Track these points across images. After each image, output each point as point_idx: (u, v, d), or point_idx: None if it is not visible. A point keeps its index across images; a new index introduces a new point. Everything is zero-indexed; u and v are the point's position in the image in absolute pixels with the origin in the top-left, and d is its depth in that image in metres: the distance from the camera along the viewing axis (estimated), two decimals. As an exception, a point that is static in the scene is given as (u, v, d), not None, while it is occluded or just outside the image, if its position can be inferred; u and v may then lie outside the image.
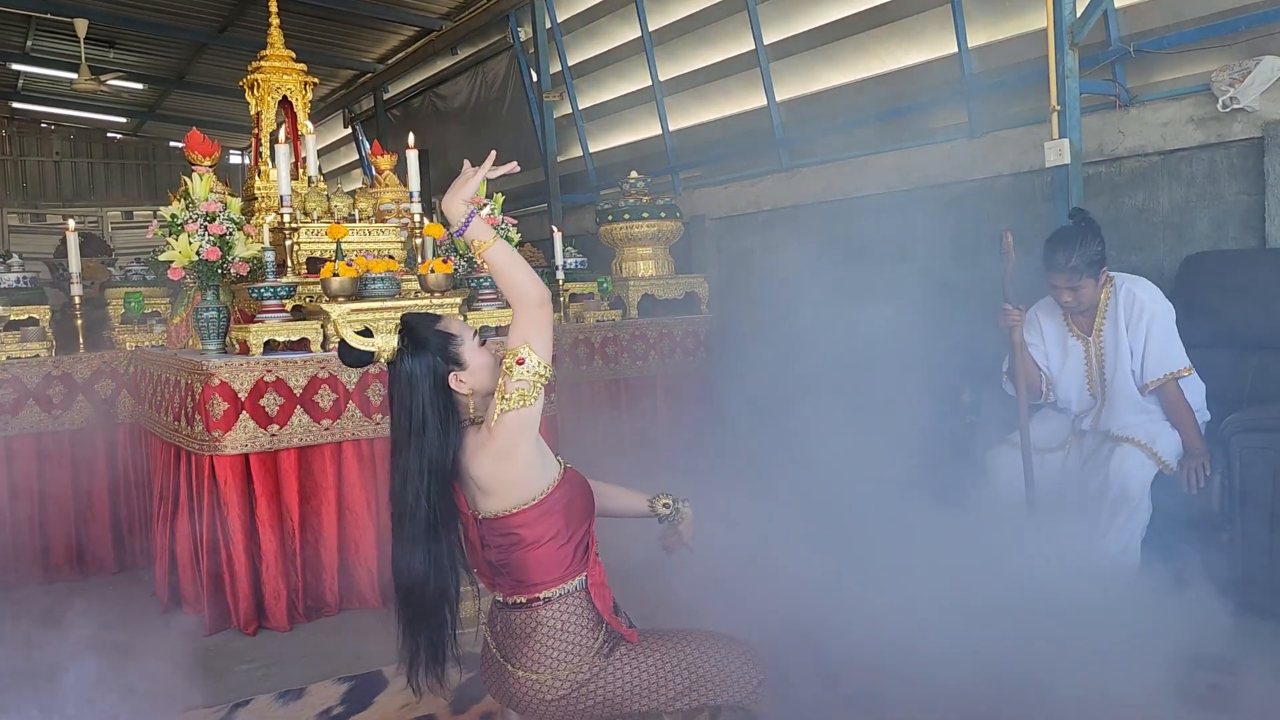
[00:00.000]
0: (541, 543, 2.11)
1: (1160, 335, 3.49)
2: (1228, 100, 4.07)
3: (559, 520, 2.12)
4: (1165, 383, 3.48)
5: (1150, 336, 3.49)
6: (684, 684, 2.15)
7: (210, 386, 3.76)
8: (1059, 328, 3.74)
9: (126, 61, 11.56)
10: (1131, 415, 3.53)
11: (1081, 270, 3.49)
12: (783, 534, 3.71)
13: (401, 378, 2.12)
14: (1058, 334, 3.75)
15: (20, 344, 4.62)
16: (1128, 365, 3.54)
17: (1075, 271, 3.49)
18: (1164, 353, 3.49)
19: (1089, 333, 3.66)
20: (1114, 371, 3.58)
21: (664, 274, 6.25)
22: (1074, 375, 3.71)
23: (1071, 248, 3.49)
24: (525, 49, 8.54)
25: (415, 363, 2.12)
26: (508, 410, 2.03)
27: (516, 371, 2.02)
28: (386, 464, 4.18)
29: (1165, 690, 2.63)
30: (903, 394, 4.49)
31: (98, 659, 3.21)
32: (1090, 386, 3.69)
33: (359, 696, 3.16)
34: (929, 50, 5.51)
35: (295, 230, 4.37)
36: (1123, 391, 3.56)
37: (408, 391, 2.12)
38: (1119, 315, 3.56)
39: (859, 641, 2.89)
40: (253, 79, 4.90)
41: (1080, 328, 3.69)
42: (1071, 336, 3.71)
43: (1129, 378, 3.54)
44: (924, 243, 5.57)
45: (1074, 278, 3.50)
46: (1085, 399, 3.71)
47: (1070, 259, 3.48)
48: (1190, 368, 3.50)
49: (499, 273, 2.06)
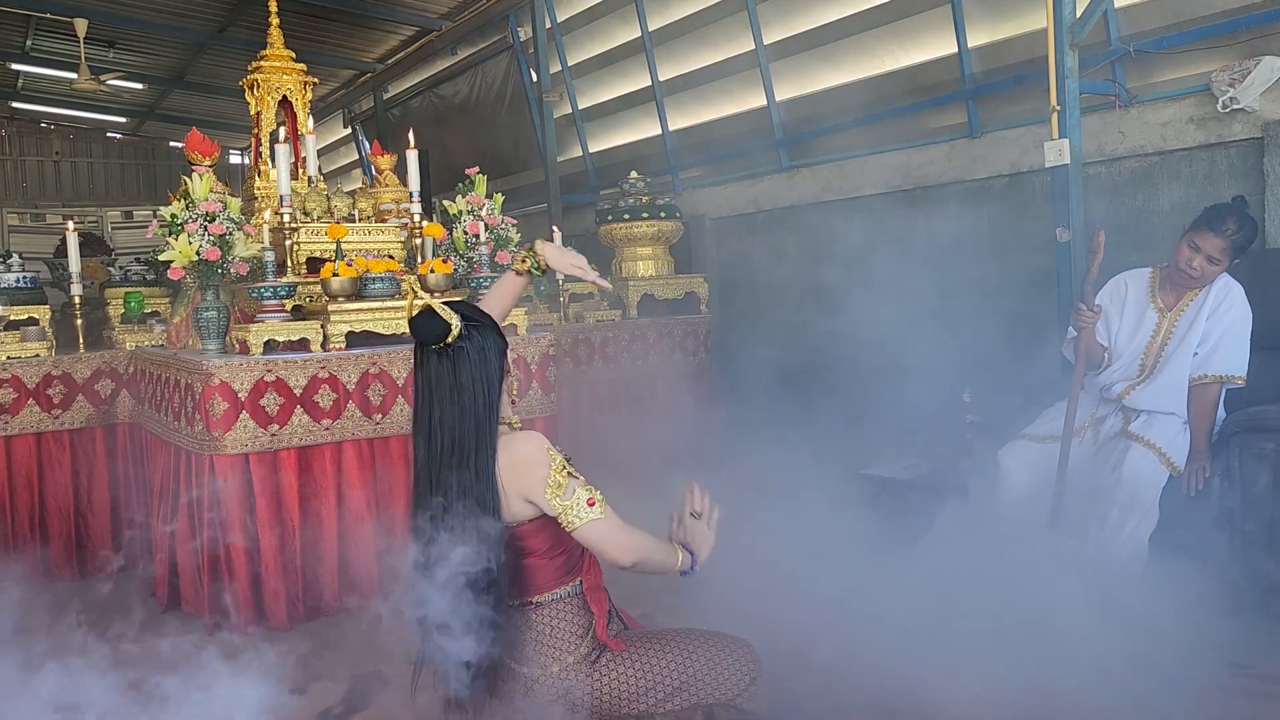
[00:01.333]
0: (538, 553, 2.11)
1: (1237, 335, 3.46)
2: (1228, 100, 4.07)
3: (550, 539, 2.12)
4: (1214, 383, 3.45)
5: (1229, 333, 3.46)
6: (675, 684, 2.14)
7: (210, 386, 3.75)
8: (1143, 297, 3.67)
9: (126, 61, 11.56)
10: (1162, 404, 3.49)
11: (1239, 246, 3.43)
12: (782, 534, 3.71)
13: (471, 356, 2.05)
14: (1139, 303, 3.68)
15: (20, 344, 4.62)
16: (1193, 347, 3.48)
17: (1232, 245, 3.42)
18: (1233, 352, 3.45)
19: (1171, 309, 3.59)
20: (1175, 350, 3.52)
21: (664, 274, 6.25)
22: (1136, 347, 3.65)
23: (1242, 222, 3.41)
24: (525, 49, 8.54)
25: (485, 340, 2.08)
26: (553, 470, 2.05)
27: (576, 498, 2.04)
28: (385, 464, 4.19)
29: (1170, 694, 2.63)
30: (902, 393, 4.49)
31: (96, 659, 3.21)
32: (1145, 359, 3.62)
33: (359, 696, 3.16)
34: (929, 50, 5.51)
35: (295, 230, 4.37)
36: (1173, 373, 3.51)
37: (479, 370, 2.06)
38: (1207, 300, 3.50)
39: (858, 642, 2.89)
40: (252, 79, 4.90)
41: (1165, 301, 3.62)
42: (1152, 308, 3.64)
43: (1186, 360, 3.49)
44: (924, 243, 5.57)
45: (1228, 249, 3.42)
46: (1133, 370, 3.65)
47: (1238, 231, 3.40)
48: (1244, 378, 3.46)
49: (649, 566, 2.12)
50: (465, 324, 2.06)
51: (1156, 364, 3.58)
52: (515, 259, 2.50)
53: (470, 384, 2.05)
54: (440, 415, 2.06)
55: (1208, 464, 3.39)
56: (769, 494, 4.15)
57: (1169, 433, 3.45)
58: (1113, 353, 3.72)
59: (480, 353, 2.06)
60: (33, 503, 4.60)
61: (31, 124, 15.89)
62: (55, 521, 4.66)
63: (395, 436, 4.09)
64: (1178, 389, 3.50)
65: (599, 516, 2.03)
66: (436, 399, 2.07)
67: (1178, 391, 3.50)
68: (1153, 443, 3.42)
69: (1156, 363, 3.58)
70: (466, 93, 9.58)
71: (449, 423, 2.05)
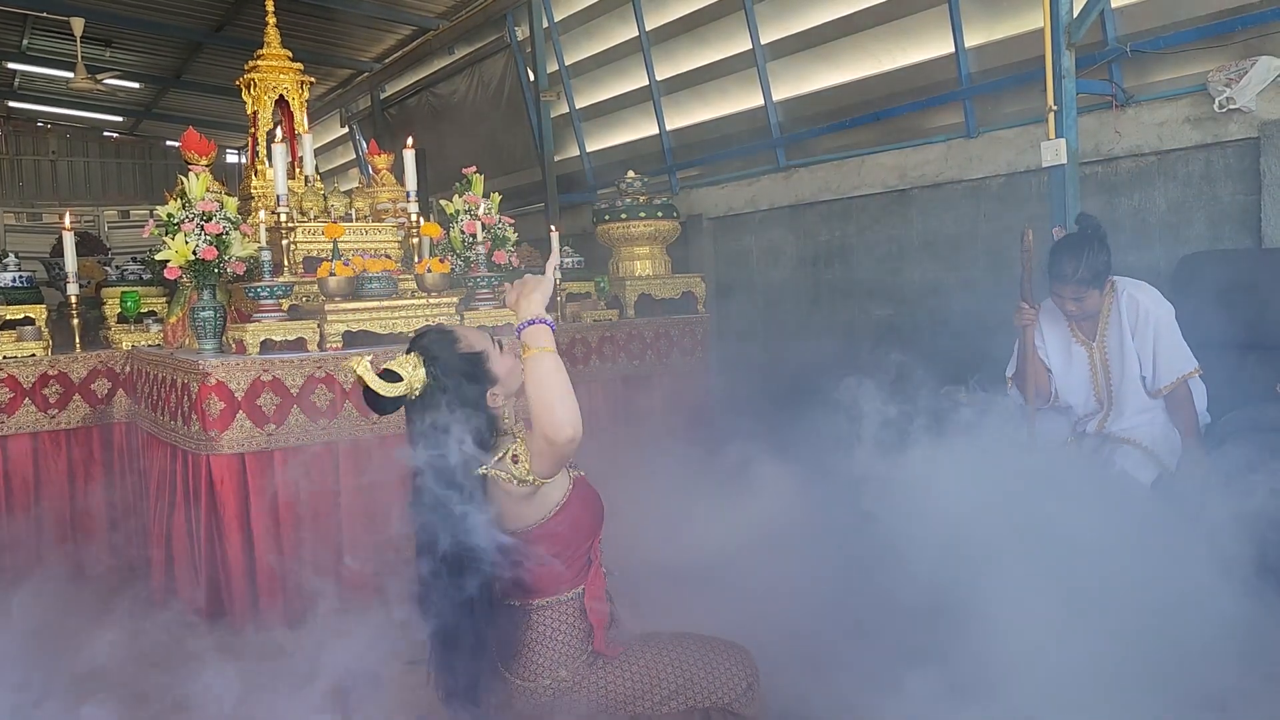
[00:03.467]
0: (543, 560, 2.10)
1: (1168, 340, 3.46)
2: (1224, 100, 4.08)
3: (560, 543, 2.11)
4: (1177, 385, 3.47)
5: (1158, 342, 3.46)
6: (670, 688, 2.13)
7: (207, 386, 3.75)
8: (1063, 333, 3.71)
9: (123, 60, 11.55)
10: (1138, 416, 3.51)
11: (1088, 281, 3.44)
12: (781, 535, 3.71)
13: (440, 407, 2.04)
14: (1061, 339, 3.71)
15: (16, 343, 4.61)
16: (1136, 372, 3.50)
17: (1081, 283, 3.44)
18: (1173, 356, 3.46)
19: (1093, 338, 3.62)
20: (1121, 378, 3.54)
21: (661, 273, 6.24)
22: (1079, 381, 3.68)
23: (1079, 258, 3.43)
24: (522, 48, 8.54)
25: (456, 391, 2.05)
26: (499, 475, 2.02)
27: (509, 467, 2.01)
28: (383, 464, 4.19)
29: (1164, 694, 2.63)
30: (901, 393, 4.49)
31: (94, 659, 3.21)
32: (1096, 392, 3.65)
33: (356, 696, 3.15)
34: (926, 50, 5.51)
35: (292, 230, 4.36)
36: (1131, 397, 3.53)
37: (447, 420, 2.02)
38: (1123, 322, 3.52)
39: (857, 644, 2.89)
40: (249, 78, 4.89)
41: (1084, 333, 3.65)
42: (1075, 343, 3.67)
43: (1138, 384, 3.51)
44: (920, 242, 5.58)
45: (1080, 289, 3.45)
46: (1090, 404, 3.68)
47: (1077, 270, 3.43)
48: (1199, 368, 3.48)
49: (538, 383, 1.94)
50: (432, 382, 2.05)
51: (1111, 397, 3.60)
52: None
53: (437, 431, 2.04)
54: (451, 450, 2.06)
55: (1204, 457, 3.39)
56: (768, 494, 4.15)
57: (1154, 432, 3.47)
58: (1056, 383, 3.72)
59: (448, 406, 2.04)
60: (29, 503, 4.59)
61: (28, 123, 15.87)
62: (51, 521, 4.65)
63: (392, 436, 4.08)
64: (1145, 407, 3.52)
65: (526, 453, 2.01)
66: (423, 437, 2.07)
67: (1146, 409, 3.52)
68: (1140, 442, 3.44)
69: (1110, 396, 3.60)
70: (464, 92, 9.58)
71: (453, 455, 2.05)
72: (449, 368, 2.07)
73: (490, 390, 2.09)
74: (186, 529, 3.96)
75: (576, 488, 2.15)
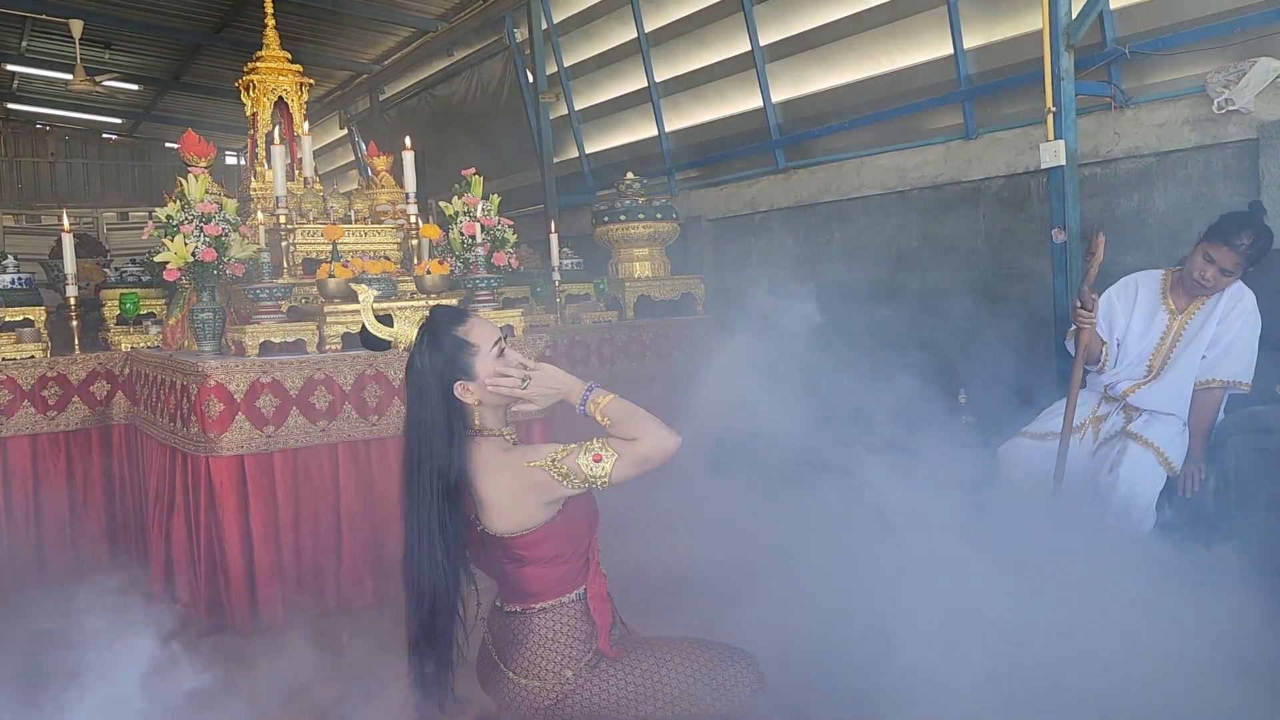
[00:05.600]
0: (543, 562, 2.10)
1: (1247, 341, 3.47)
2: (1223, 102, 4.08)
3: (560, 543, 2.11)
4: (1219, 388, 3.47)
5: (1239, 339, 3.46)
6: (673, 694, 2.13)
7: (206, 388, 3.75)
8: (1154, 298, 3.67)
9: (122, 62, 11.55)
10: (1165, 405, 3.50)
11: (1252, 259, 3.41)
12: (781, 536, 3.70)
13: (414, 374, 2.11)
14: (1150, 303, 3.67)
15: (15, 345, 4.61)
16: (1200, 350, 3.49)
17: (1246, 257, 3.40)
18: (1241, 359, 3.46)
19: (1182, 310, 3.59)
20: (1183, 352, 3.53)
21: (660, 275, 6.25)
22: (1145, 347, 3.65)
23: (1257, 234, 3.39)
24: (522, 50, 8.54)
25: (426, 363, 2.09)
26: (549, 471, 2.01)
27: (586, 463, 2.00)
28: (382, 465, 4.20)
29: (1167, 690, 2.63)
30: (899, 394, 4.49)
31: (92, 661, 3.20)
32: (1153, 360, 3.62)
33: (355, 696, 3.15)
34: (925, 51, 5.51)
35: (291, 231, 4.36)
36: (1179, 375, 3.51)
37: (417, 389, 2.10)
38: (1220, 304, 3.50)
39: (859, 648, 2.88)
40: (248, 80, 4.90)
41: (1177, 304, 3.61)
42: (1163, 309, 3.63)
43: (1193, 363, 3.49)
44: (919, 243, 5.58)
45: (1241, 262, 3.41)
46: (1140, 370, 3.65)
47: (1253, 243, 3.38)
48: (1249, 384, 3.47)
49: (631, 416, 2.03)
50: (415, 346, 2.11)
51: (1164, 365, 3.58)
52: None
53: (412, 396, 2.12)
54: (411, 421, 2.13)
55: (1203, 466, 3.40)
56: (767, 495, 4.15)
57: (1168, 434, 3.46)
58: (1119, 350, 3.71)
59: (419, 377, 2.10)
60: (28, 505, 4.59)
61: (27, 125, 15.88)
62: (50, 523, 4.64)
63: (391, 438, 4.08)
64: (1182, 391, 3.51)
65: (614, 457, 2.01)
66: (410, 405, 2.14)
67: (1182, 393, 3.51)
68: (1152, 442, 3.43)
69: (1164, 364, 3.58)
70: (463, 94, 9.58)
71: (412, 429, 2.12)
72: (435, 342, 2.10)
73: (461, 382, 2.09)
74: (186, 531, 3.95)
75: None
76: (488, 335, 2.13)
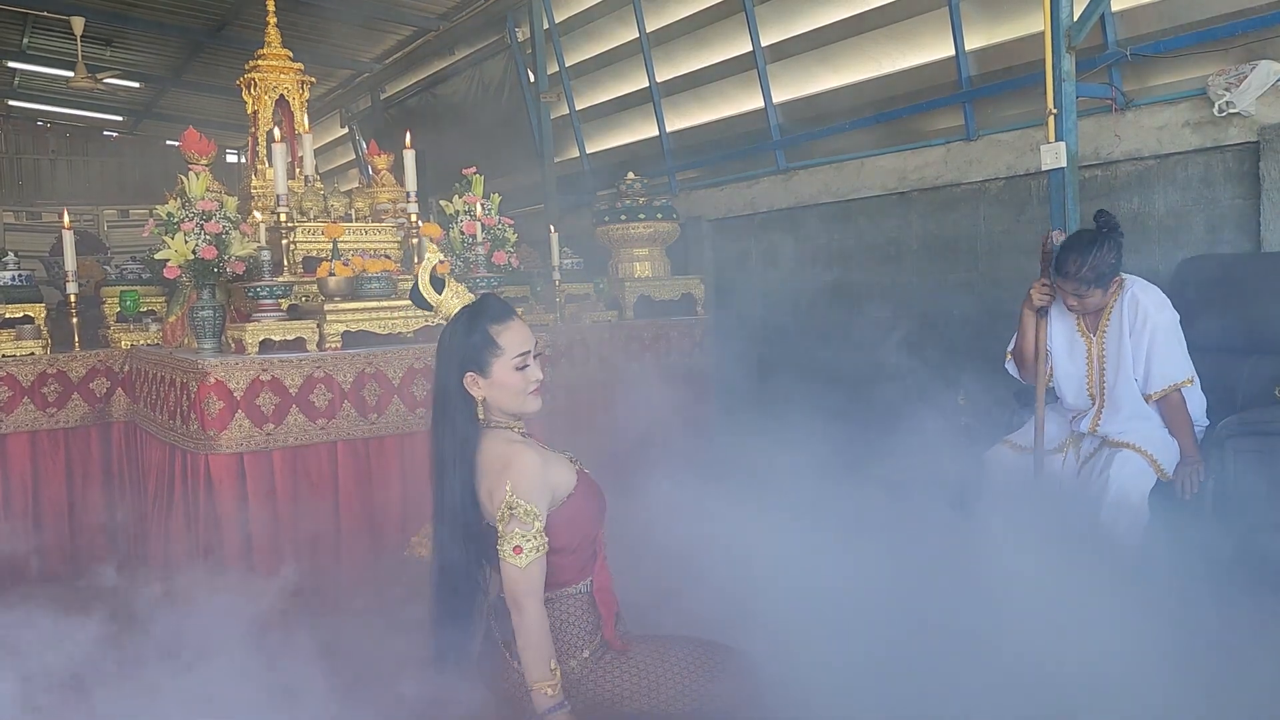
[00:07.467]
0: (550, 553, 2.11)
1: (1163, 346, 3.44)
2: (1224, 104, 4.08)
3: (565, 535, 2.12)
4: (1168, 393, 3.45)
5: (1153, 347, 3.44)
6: (675, 690, 2.14)
7: (206, 385, 3.75)
8: (1068, 324, 3.68)
9: (123, 60, 11.55)
10: (1133, 421, 3.48)
11: (1089, 281, 3.41)
12: (780, 536, 3.70)
13: (441, 348, 2.17)
14: (1066, 329, 3.68)
15: (15, 342, 4.61)
16: (1130, 372, 3.48)
17: (1083, 281, 3.42)
18: (1167, 364, 3.44)
19: (1094, 332, 3.60)
20: (1115, 376, 3.52)
21: (660, 275, 6.25)
22: (1076, 374, 3.65)
23: (1084, 256, 3.40)
24: (523, 49, 8.54)
25: (452, 343, 2.15)
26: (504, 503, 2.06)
27: (512, 541, 2.05)
28: (381, 463, 4.19)
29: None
30: (898, 395, 4.49)
31: (91, 660, 3.20)
32: (1090, 387, 3.63)
33: (357, 696, 3.15)
34: (926, 53, 5.52)
35: (292, 229, 4.36)
36: (1125, 397, 3.50)
37: (442, 362, 2.17)
38: (1123, 320, 3.50)
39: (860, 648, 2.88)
40: (250, 78, 4.90)
41: (1088, 326, 3.63)
42: (1078, 334, 3.65)
43: (1131, 384, 3.49)
44: (920, 245, 5.58)
45: (1080, 286, 3.43)
46: (1083, 399, 3.65)
47: (1080, 268, 3.40)
48: (1193, 378, 3.46)
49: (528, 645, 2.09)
50: (449, 324, 2.16)
51: (1103, 393, 3.58)
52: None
53: (438, 370, 2.19)
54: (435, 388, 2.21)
55: (1200, 466, 3.38)
56: (767, 495, 4.15)
57: (1154, 436, 3.44)
58: (1054, 369, 3.70)
59: (443, 355, 2.16)
60: (27, 501, 4.59)
61: (28, 122, 15.86)
62: (50, 520, 4.65)
63: (390, 436, 4.09)
64: (1142, 412, 3.50)
65: (517, 564, 2.05)
66: (435, 373, 2.21)
67: (1143, 413, 3.50)
68: (1139, 446, 3.41)
69: (1102, 392, 3.58)
70: (464, 93, 9.58)
71: (436, 395, 2.20)
72: (468, 327, 2.14)
73: (472, 374, 2.12)
74: (185, 528, 3.95)
75: (581, 480, 2.17)
76: (518, 344, 2.15)
